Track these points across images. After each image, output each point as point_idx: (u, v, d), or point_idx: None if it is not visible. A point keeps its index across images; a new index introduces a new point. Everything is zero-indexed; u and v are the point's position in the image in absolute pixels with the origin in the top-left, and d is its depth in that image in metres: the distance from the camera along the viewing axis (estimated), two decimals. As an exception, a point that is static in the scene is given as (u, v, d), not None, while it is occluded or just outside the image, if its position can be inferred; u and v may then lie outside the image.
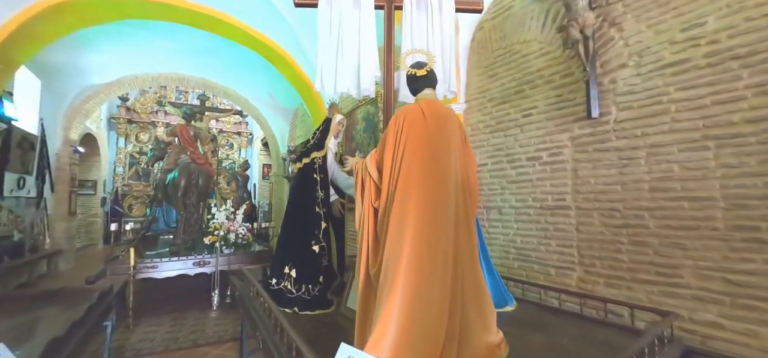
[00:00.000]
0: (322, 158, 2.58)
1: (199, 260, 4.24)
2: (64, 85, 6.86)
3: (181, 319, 4.14)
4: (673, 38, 2.18)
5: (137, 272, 3.87)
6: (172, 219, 6.43)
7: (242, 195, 8.18)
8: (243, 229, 4.76)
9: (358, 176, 1.90)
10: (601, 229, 2.45)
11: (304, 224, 2.49)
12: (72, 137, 7.44)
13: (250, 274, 2.94)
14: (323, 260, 2.48)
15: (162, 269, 4.06)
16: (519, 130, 3.07)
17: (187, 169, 4.59)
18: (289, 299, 2.38)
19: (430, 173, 1.61)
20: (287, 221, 2.61)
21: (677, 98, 2.15)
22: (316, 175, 2.54)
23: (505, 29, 3.24)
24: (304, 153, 2.63)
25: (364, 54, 2.53)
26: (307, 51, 5.96)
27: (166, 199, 5.13)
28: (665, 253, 2.15)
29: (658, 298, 2.17)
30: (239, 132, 13.40)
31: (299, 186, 2.60)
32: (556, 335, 1.99)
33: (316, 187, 2.52)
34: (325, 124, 2.72)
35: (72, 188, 7.47)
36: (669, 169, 2.15)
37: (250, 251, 4.77)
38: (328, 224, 2.51)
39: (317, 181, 2.53)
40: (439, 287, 1.50)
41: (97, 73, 7.17)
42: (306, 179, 2.56)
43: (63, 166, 7.16)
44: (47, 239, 6.57)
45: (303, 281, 2.41)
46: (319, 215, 2.49)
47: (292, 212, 2.59)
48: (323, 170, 2.57)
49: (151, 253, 4.59)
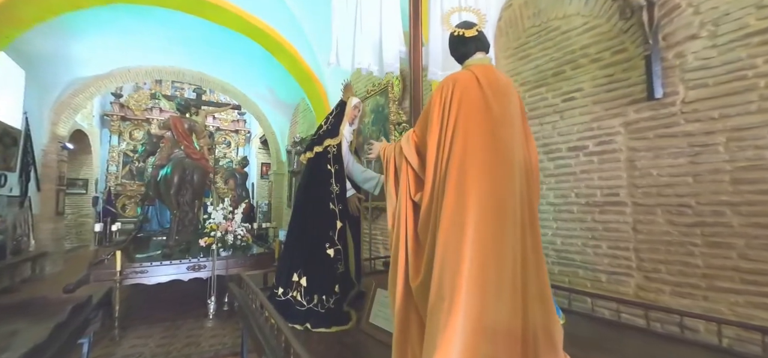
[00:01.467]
0: (336, 147, 2.21)
1: (194, 264, 3.85)
2: (51, 76, 6.44)
3: (174, 329, 3.75)
4: (761, 2, 1.82)
5: (124, 277, 3.48)
6: (165, 219, 6.03)
7: (241, 193, 7.76)
8: (242, 229, 4.37)
9: (389, 164, 1.52)
10: (666, 228, 2.09)
11: (316, 223, 2.11)
12: (60, 133, 7.01)
13: (250, 281, 2.56)
14: (339, 265, 2.10)
15: (153, 274, 3.66)
16: (558, 116, 2.71)
17: (180, 164, 4.19)
18: (299, 313, 2.00)
19: (492, 156, 1.24)
20: (296, 219, 2.23)
21: (767, 72, 1.79)
22: (330, 166, 2.16)
23: (539, 5, 2.87)
24: (316, 141, 2.25)
25: (387, 26, 2.17)
26: (309, 38, 5.59)
27: (158, 197, 4.72)
28: (754, 256, 1.78)
29: (744, 310, 1.80)
30: (237, 130, 13.00)
31: (310, 179, 2.22)
32: (628, 355, 1.63)
33: (331, 180, 2.15)
34: (339, 108, 2.34)
35: (60, 187, 7.04)
36: (758, 156, 1.79)
37: (250, 254, 4.38)
38: (344, 223, 2.13)
39: (331, 173, 2.15)
40: (510, 302, 1.13)
41: (86, 65, 6.76)
42: (318, 171, 2.18)
43: (50, 163, 6.73)
44: (32, 240, 6.15)
45: (315, 290, 2.03)
46: (333, 213, 2.11)
47: (301, 209, 2.21)
48: (338, 160, 2.19)
49: (141, 256, 4.19)
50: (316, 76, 6.09)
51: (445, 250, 1.15)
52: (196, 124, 4.74)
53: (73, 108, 7.16)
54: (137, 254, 4.50)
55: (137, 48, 6.84)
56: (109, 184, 10.69)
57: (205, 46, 6.87)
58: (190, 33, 6.32)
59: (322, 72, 5.99)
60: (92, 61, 6.71)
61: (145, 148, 5.34)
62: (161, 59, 7.55)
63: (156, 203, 5.55)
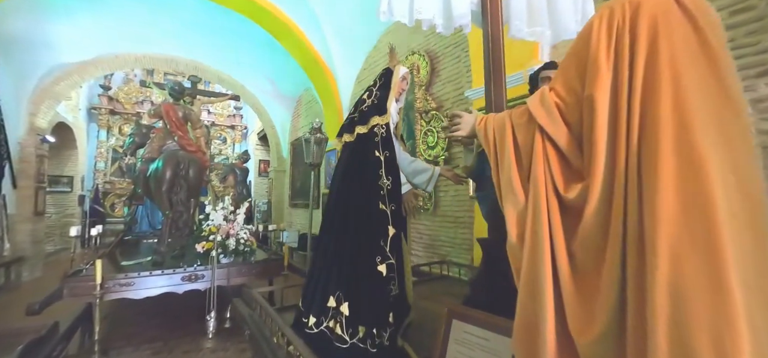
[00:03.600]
0: (385, 127, 1.66)
1: (190, 274, 3.27)
2: (29, 61, 5.79)
3: (167, 351, 3.18)
4: None
5: (106, 291, 2.89)
6: (157, 219, 5.42)
7: (241, 191, 7.11)
8: (245, 232, 3.80)
9: (504, 142, 0.99)
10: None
11: (361, 228, 1.56)
12: (40, 125, 6.36)
13: (265, 302, 2.01)
14: (392, 286, 1.55)
15: (141, 286, 3.08)
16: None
17: (173, 157, 3.61)
18: (339, 352, 1.46)
19: (731, 125, 0.72)
20: (331, 224, 1.68)
21: None
22: (378, 152, 1.61)
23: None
24: (358, 119, 1.70)
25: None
26: (319, 18, 5.01)
27: (148, 195, 4.12)
28: None
29: None
30: (233, 126, 12.35)
31: (351, 171, 1.67)
32: None
33: (379, 171, 1.60)
34: (384, 78, 1.79)
35: (39, 184, 6.39)
36: None
37: (255, 260, 3.82)
38: (398, 230, 1.59)
39: (381, 161, 1.60)
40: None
41: (68, 50, 6.12)
42: (363, 160, 1.63)
43: (28, 158, 6.08)
44: (6, 243, 5.52)
45: (362, 320, 1.49)
46: (384, 216, 1.56)
47: (340, 210, 1.65)
48: (388, 145, 1.64)
49: (127, 263, 3.61)
50: (325, 62, 5.53)
51: (681, 287, 0.62)
52: (191, 113, 4.15)
53: (54, 97, 6.52)
54: (124, 260, 3.91)
55: (125, 32, 6.24)
56: (97, 182, 10.02)
57: (201, 31, 6.28)
58: (183, 15, 5.74)
59: (331, 57, 5.44)
60: (76, 45, 6.09)
61: (133, 140, 4.72)
62: (152, 46, 6.94)
63: (145, 201, 4.93)
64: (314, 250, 1.74)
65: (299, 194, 7.55)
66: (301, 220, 7.50)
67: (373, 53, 5.18)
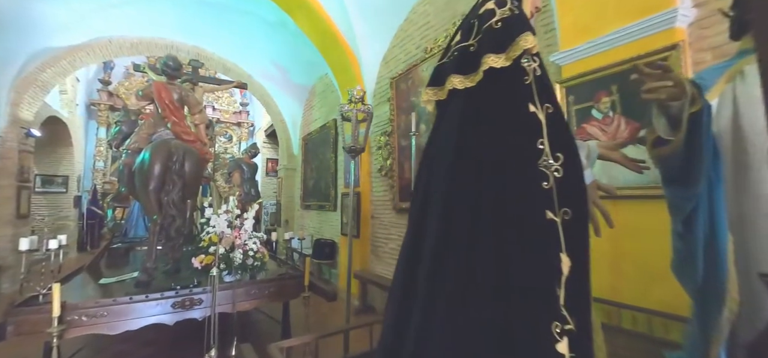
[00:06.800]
0: (538, 58, 0.85)
1: (183, 299, 2.49)
2: (9, 43, 5.07)
3: (152, 402, 2.40)
4: None
5: (68, 326, 2.12)
6: (152, 224, 4.66)
7: (249, 191, 6.28)
8: (255, 242, 3.02)
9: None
10: None
11: (504, 263, 0.74)
12: (24, 116, 5.66)
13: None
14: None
15: (117, 316, 2.30)
16: None
17: (164, 148, 2.82)
18: None
19: None
20: (435, 250, 0.85)
21: None
22: (534, 105, 0.79)
23: None
24: (487, 45, 0.88)
25: None
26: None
27: (133, 194, 3.34)
28: None
29: None
30: (239, 122, 11.67)
31: (475, 144, 0.84)
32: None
33: (540, 142, 0.78)
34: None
35: (23, 183, 5.68)
36: None
37: (266, 277, 3.03)
38: (579, 261, 0.76)
39: (541, 124, 0.78)
40: None
41: (57, 33, 5.41)
42: (501, 122, 0.81)
43: (8, 153, 5.38)
44: (-19, 251, 4.82)
45: None
46: (552, 232, 0.75)
47: (445, 222, 0.82)
48: (547, 92, 0.83)
49: (107, 281, 2.84)
50: (345, 39, 4.73)
51: None
52: (188, 95, 3.37)
53: (41, 86, 5.81)
54: (107, 274, 3.16)
55: (121, 14, 5.55)
56: (95, 182, 9.36)
57: (204, 12, 5.55)
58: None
59: (353, 34, 4.63)
60: (65, 27, 5.38)
61: (119, 128, 3.95)
62: (150, 29, 6.24)
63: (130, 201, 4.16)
64: (400, 288, 0.92)
65: (312, 194, 6.76)
66: (314, 223, 6.71)
67: (405, 26, 4.33)
